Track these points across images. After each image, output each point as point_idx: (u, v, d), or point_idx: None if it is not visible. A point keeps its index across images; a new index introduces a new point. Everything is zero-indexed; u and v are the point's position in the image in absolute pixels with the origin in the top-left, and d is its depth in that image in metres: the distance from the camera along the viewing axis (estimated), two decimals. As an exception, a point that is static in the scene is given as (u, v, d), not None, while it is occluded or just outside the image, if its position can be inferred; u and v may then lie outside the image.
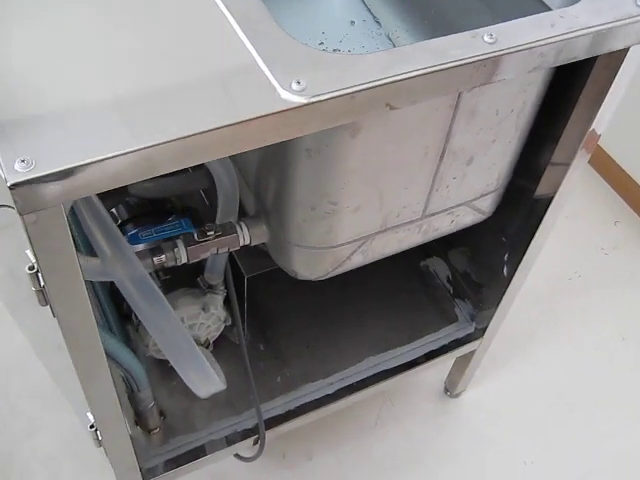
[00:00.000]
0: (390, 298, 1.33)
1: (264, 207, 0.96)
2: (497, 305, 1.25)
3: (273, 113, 0.65)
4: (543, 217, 1.07)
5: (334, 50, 0.97)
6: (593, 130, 0.93)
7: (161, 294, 0.90)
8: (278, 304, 1.30)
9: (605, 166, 1.85)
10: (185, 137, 0.61)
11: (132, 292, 0.89)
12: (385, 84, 0.68)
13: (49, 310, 0.73)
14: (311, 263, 0.97)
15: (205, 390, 1.03)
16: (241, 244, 0.96)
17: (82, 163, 0.58)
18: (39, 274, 0.69)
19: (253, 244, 0.97)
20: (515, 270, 1.16)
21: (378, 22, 1.03)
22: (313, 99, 0.65)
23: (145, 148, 0.60)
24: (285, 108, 0.65)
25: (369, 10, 1.03)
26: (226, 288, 1.11)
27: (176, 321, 0.94)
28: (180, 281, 1.11)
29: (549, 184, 1.04)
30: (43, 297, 0.72)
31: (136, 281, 0.88)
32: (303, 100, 0.65)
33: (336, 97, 0.66)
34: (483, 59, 0.72)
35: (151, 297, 0.90)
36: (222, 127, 0.63)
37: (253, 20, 0.72)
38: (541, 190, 1.06)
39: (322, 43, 0.98)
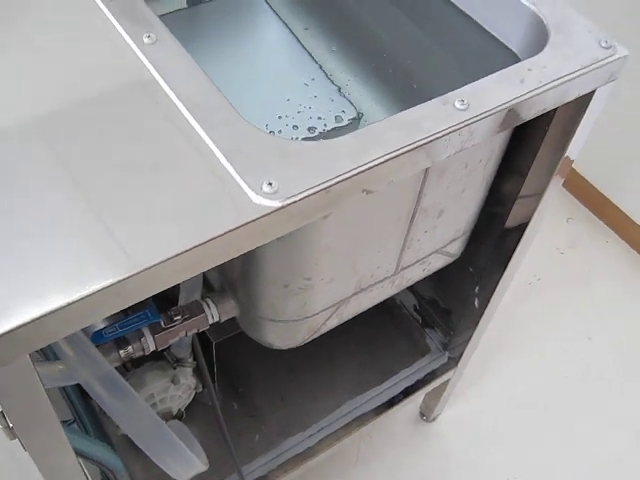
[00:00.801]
0: (359, 336, 1.29)
1: (230, 282, 0.90)
2: (470, 335, 1.22)
3: (246, 223, 0.59)
4: (515, 249, 1.04)
5: (294, 127, 0.92)
6: (567, 157, 0.90)
7: (129, 387, 0.84)
8: (248, 360, 1.24)
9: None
10: (150, 267, 0.55)
11: (98, 390, 0.82)
12: (361, 172, 0.63)
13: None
14: (286, 335, 0.92)
15: (185, 475, 0.97)
16: (210, 323, 0.90)
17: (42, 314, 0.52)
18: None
19: (223, 320, 0.91)
20: (487, 303, 1.13)
21: (330, 79, 0.98)
22: (287, 201, 0.60)
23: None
24: (258, 215, 0.59)
25: (321, 67, 0.98)
26: (195, 359, 1.05)
27: (147, 411, 0.87)
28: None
29: (520, 215, 1.01)
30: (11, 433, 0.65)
31: (102, 379, 0.81)
32: (277, 204, 0.60)
33: (311, 195, 0.61)
34: (457, 128, 0.68)
35: (119, 393, 0.83)
36: (188, 250, 0.57)
37: (208, 108, 0.66)
38: (511, 222, 1.03)
39: (280, 117, 0.92)
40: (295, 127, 0.92)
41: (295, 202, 0.60)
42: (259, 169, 0.61)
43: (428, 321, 1.32)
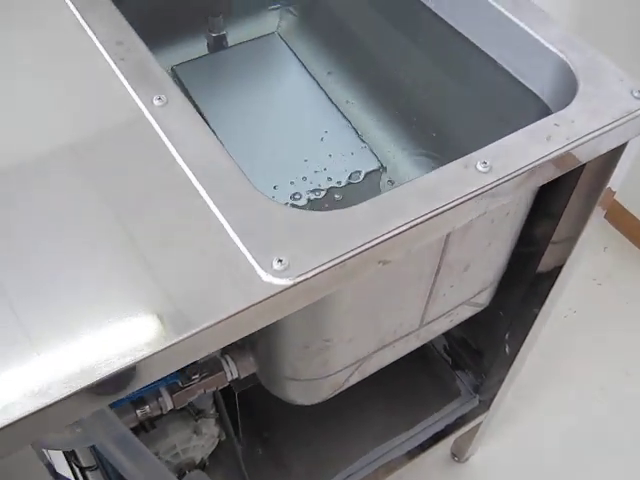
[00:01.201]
0: (387, 378, 1.24)
1: (249, 339, 0.87)
2: (502, 378, 1.17)
3: (254, 304, 0.56)
4: (547, 295, 1.00)
5: (316, 176, 0.89)
6: (609, 188, 0.85)
7: (144, 448, 0.81)
8: (272, 404, 1.21)
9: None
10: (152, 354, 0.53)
11: (114, 452, 0.80)
12: (377, 244, 0.60)
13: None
14: (308, 392, 0.88)
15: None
16: (229, 380, 0.87)
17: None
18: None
19: (242, 377, 0.88)
20: (518, 350, 1.08)
21: (358, 135, 0.95)
22: (298, 279, 0.57)
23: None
24: (267, 295, 0.56)
25: (344, 117, 0.95)
26: (217, 410, 1.02)
27: (162, 472, 0.85)
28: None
29: (553, 259, 0.96)
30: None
31: (117, 441, 0.79)
32: (287, 282, 0.56)
33: (324, 270, 0.58)
34: (479, 193, 0.64)
35: (134, 454, 0.81)
36: (192, 335, 0.54)
37: (218, 177, 0.63)
38: (544, 266, 0.98)
39: (304, 164, 0.89)
40: (317, 178, 0.89)
41: (307, 279, 0.57)
42: (269, 244, 0.58)
43: (459, 362, 1.28)
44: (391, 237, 0.60)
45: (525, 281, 1.01)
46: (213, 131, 0.90)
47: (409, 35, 0.96)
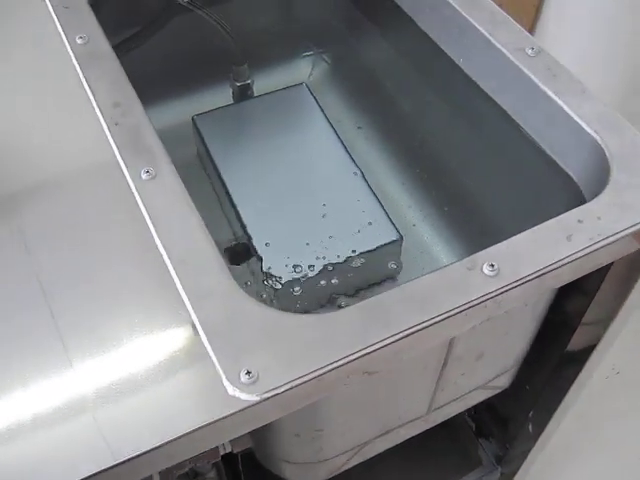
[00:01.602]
0: (407, 443, 1.18)
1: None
2: (527, 451, 1.09)
3: (214, 421, 0.50)
4: (576, 377, 0.91)
5: (319, 263, 0.83)
6: None
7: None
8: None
9: None
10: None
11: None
12: (361, 356, 0.54)
13: None
14: (304, 474, 0.83)
15: None
16: (222, 454, 0.82)
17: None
18: None
19: (236, 452, 0.83)
20: (542, 429, 1.00)
21: (380, 203, 0.88)
22: (267, 394, 0.51)
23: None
24: (230, 412, 0.51)
25: (366, 182, 0.89)
26: (217, 473, 0.97)
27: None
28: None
29: (584, 339, 0.87)
30: None
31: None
32: (255, 397, 0.51)
33: (298, 385, 0.52)
34: (482, 301, 0.57)
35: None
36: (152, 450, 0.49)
37: (195, 266, 0.58)
38: (574, 346, 0.90)
39: (315, 249, 0.84)
40: (328, 248, 0.84)
41: (277, 394, 0.51)
42: (239, 350, 0.53)
43: (483, 429, 1.20)
44: (377, 349, 0.54)
45: (552, 361, 0.93)
46: (225, 188, 0.87)
47: (439, 95, 0.90)
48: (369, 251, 0.83)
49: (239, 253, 0.91)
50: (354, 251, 0.83)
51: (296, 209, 0.86)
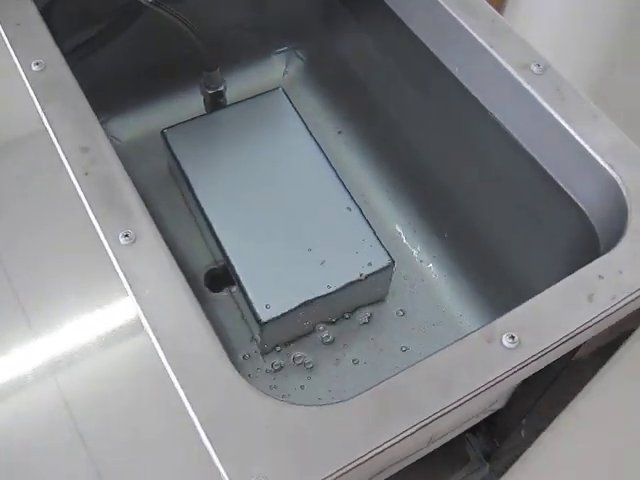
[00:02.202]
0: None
1: None
2: (518, 452, 1.07)
3: None
4: (579, 390, 0.88)
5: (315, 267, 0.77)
6: None
7: None
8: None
9: None
10: None
11: None
12: (380, 452, 0.49)
13: None
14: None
15: None
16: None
17: None
18: None
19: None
20: (535, 437, 0.98)
21: (367, 222, 0.82)
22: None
23: None
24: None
25: (351, 196, 0.82)
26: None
27: None
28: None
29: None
30: None
31: None
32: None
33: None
34: (504, 378, 0.52)
35: None
36: None
37: (185, 346, 0.52)
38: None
39: (303, 254, 0.77)
40: (314, 278, 0.77)
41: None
42: (246, 457, 0.47)
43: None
44: (397, 441, 0.49)
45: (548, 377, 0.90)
46: (202, 211, 0.79)
47: (430, 102, 0.83)
48: (359, 280, 0.77)
49: (220, 278, 0.85)
50: (344, 279, 0.77)
51: (279, 232, 0.79)
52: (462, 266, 0.84)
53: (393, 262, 0.79)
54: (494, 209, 0.79)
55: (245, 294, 0.76)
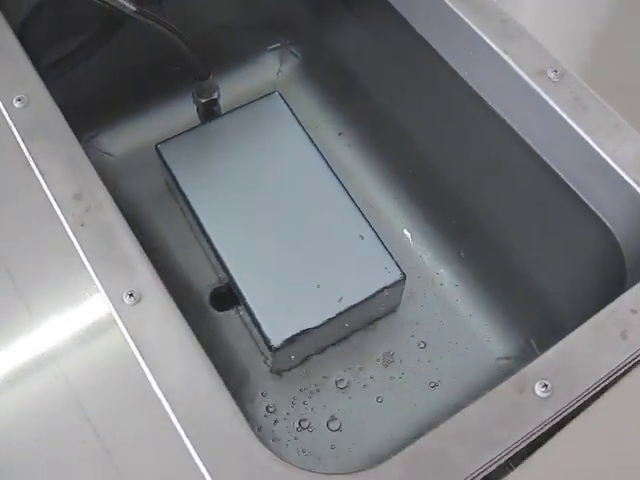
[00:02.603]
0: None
1: None
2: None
3: None
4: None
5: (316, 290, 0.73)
6: None
7: None
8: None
9: None
10: None
11: None
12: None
13: None
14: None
15: None
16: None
17: None
18: None
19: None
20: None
21: (376, 234, 0.77)
22: None
23: None
24: None
25: (357, 207, 0.78)
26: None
27: None
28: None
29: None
30: None
31: None
32: None
33: None
34: (539, 429, 0.50)
35: None
36: None
37: (201, 414, 0.49)
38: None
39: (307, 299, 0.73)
40: (323, 297, 0.74)
41: None
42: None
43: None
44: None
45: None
46: (203, 230, 0.75)
47: (437, 104, 0.78)
48: (371, 297, 0.74)
49: (225, 297, 0.81)
50: (355, 298, 0.74)
51: (284, 249, 0.75)
52: (473, 273, 0.81)
53: (404, 276, 0.75)
54: (506, 217, 0.75)
55: (254, 317, 0.73)
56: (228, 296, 0.80)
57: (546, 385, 0.50)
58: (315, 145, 0.81)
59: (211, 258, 0.80)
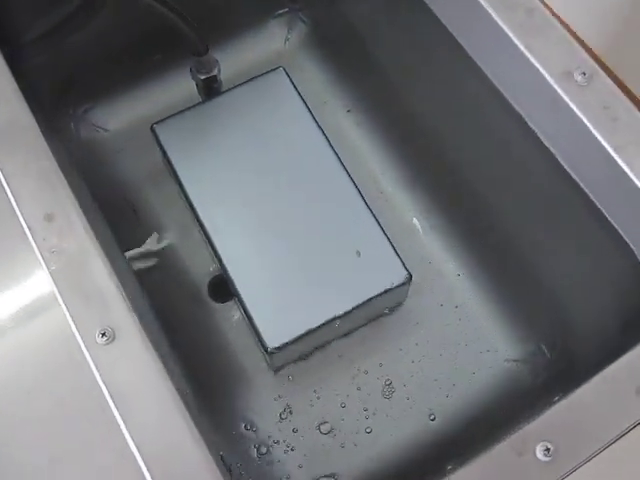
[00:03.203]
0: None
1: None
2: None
3: None
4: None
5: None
6: None
7: None
8: None
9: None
10: None
11: None
12: None
13: None
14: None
15: None
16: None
17: None
18: None
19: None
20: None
21: (381, 228, 0.71)
22: None
23: None
24: None
25: (361, 195, 0.72)
26: None
27: None
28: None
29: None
30: None
31: None
32: None
33: None
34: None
35: None
36: None
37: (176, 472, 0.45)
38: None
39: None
40: (324, 296, 0.69)
41: None
42: None
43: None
44: None
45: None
46: (199, 219, 0.70)
47: (450, 90, 0.70)
48: (375, 297, 0.69)
49: (224, 287, 0.76)
50: (357, 299, 0.69)
51: (284, 244, 0.70)
52: (485, 269, 0.75)
53: (410, 276, 0.69)
54: (522, 218, 0.69)
55: (249, 317, 0.69)
56: (227, 287, 0.75)
57: (548, 449, 0.46)
58: (321, 128, 0.74)
59: (209, 246, 0.75)
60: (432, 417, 0.71)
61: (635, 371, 0.48)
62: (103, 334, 0.48)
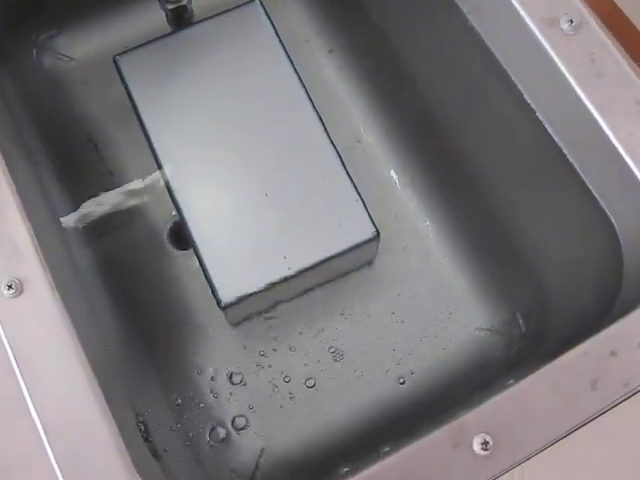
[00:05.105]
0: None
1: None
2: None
3: None
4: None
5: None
6: None
7: None
8: None
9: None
10: None
11: None
12: None
13: None
14: None
15: None
16: None
17: None
18: None
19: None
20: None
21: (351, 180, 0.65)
22: None
23: None
24: None
25: (332, 144, 0.65)
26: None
27: None
28: None
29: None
30: None
31: None
32: None
33: None
34: (469, 495, 0.40)
35: None
36: None
37: (77, 448, 0.41)
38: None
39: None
40: (286, 248, 0.64)
41: None
42: None
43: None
44: None
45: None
46: (158, 161, 0.64)
47: (435, 29, 0.63)
48: (338, 255, 0.63)
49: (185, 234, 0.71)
50: (319, 255, 0.63)
51: (247, 191, 0.64)
52: (463, 231, 0.68)
53: (378, 234, 0.63)
54: (502, 180, 0.62)
55: (205, 268, 0.63)
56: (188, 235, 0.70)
57: (486, 443, 0.40)
58: (295, 69, 0.67)
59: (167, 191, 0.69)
60: (402, 381, 0.67)
61: (593, 362, 0.42)
62: (10, 286, 0.43)
